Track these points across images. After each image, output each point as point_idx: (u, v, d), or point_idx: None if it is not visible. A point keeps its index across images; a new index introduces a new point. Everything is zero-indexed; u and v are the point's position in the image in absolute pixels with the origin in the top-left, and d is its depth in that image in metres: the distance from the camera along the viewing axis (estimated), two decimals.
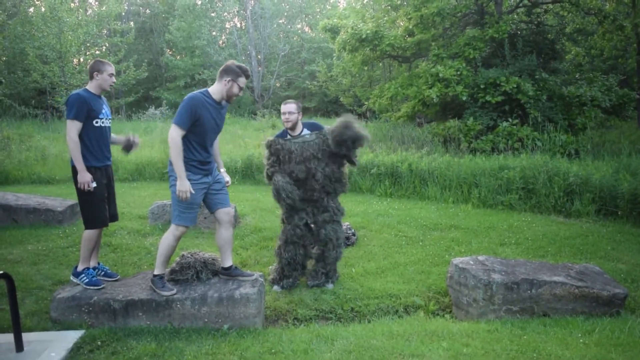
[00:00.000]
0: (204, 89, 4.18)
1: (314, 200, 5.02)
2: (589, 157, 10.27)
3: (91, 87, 4.34)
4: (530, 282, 4.44)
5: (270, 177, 5.01)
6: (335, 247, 5.13)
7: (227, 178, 4.62)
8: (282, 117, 4.97)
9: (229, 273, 4.41)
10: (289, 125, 4.96)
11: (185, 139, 4.04)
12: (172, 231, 4.16)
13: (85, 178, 4.16)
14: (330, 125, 5.14)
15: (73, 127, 4.14)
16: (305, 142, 4.95)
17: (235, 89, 4.18)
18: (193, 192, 4.04)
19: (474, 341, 3.80)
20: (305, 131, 5.02)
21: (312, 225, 5.10)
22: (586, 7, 15.78)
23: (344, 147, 4.92)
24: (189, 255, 4.47)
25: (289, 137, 5.02)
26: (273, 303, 4.81)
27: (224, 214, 4.34)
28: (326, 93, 31.34)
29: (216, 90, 4.17)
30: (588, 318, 4.32)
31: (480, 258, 4.89)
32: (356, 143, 4.96)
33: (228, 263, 4.43)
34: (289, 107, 4.95)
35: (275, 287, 5.14)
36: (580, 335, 3.91)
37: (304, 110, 32.47)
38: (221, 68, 4.18)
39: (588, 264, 5.19)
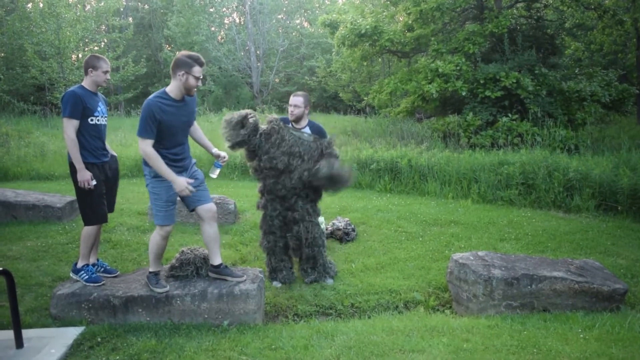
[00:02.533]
0: (161, 90, 4.00)
1: (281, 195, 4.96)
2: (589, 153, 10.26)
3: (86, 83, 4.31)
4: (530, 278, 4.44)
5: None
6: (310, 246, 5.06)
7: (223, 153, 4.45)
8: (289, 108, 4.94)
9: (218, 271, 4.30)
10: (293, 118, 4.95)
11: (155, 142, 3.95)
12: (158, 231, 4.12)
13: (85, 176, 4.14)
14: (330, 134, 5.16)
15: (70, 125, 4.12)
16: (301, 138, 4.92)
17: (192, 81, 3.96)
18: (192, 189, 3.99)
19: (474, 336, 3.80)
20: (307, 130, 5.00)
21: (286, 218, 5.06)
22: (586, 1, 15.70)
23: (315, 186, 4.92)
24: (189, 251, 4.46)
25: (291, 125, 4.99)
26: (273, 299, 4.81)
27: (205, 211, 4.19)
28: (325, 88, 31.28)
29: (173, 87, 3.98)
30: (588, 313, 4.32)
31: (480, 253, 4.89)
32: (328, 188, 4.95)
33: (217, 261, 4.31)
34: (296, 100, 4.92)
35: (275, 283, 5.14)
36: (580, 330, 3.91)
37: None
38: (172, 63, 3.96)
39: (588, 259, 5.19)
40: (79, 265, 4.34)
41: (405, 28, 15.44)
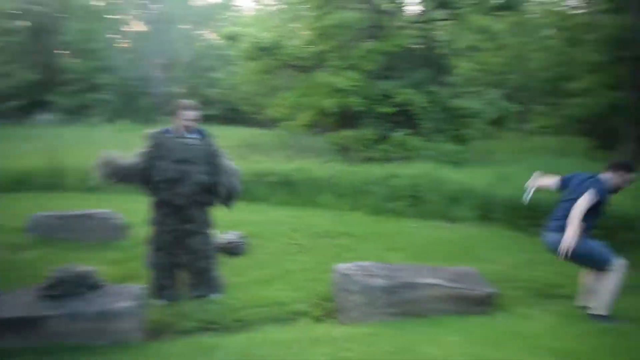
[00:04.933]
0: None
1: (180, 206, 4.90)
2: (473, 166, 10.93)
3: None
4: (409, 285, 4.64)
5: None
6: (204, 258, 5.04)
7: None
8: (186, 122, 4.86)
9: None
10: (191, 130, 4.91)
11: None
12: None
13: None
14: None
15: None
16: (188, 144, 4.89)
17: None
18: None
19: (354, 345, 3.91)
20: (191, 134, 4.98)
21: (180, 233, 4.98)
22: (475, 26, 16.84)
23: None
24: (63, 269, 4.25)
25: (172, 135, 4.94)
26: (156, 316, 4.69)
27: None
28: (227, 101, 31.00)
29: None
30: (461, 317, 4.57)
31: (363, 264, 5.05)
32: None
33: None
34: (194, 114, 4.89)
35: (159, 300, 5.00)
36: (452, 333, 4.14)
37: (206, 118, 31.90)
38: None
39: (465, 266, 5.51)
40: None
41: (307, 43, 15.71)
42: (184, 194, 4.84)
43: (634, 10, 14.03)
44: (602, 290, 4.63)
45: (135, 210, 8.33)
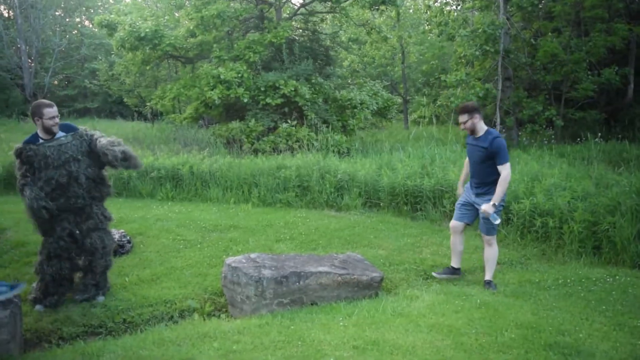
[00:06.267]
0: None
1: (78, 207, 4.69)
2: (358, 155, 11.25)
3: None
4: (298, 275, 4.70)
5: (22, 191, 4.53)
6: (103, 256, 4.88)
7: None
8: (49, 121, 4.53)
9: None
10: (57, 129, 4.61)
11: None
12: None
13: None
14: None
15: None
16: (61, 144, 4.60)
17: None
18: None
19: (244, 337, 3.90)
20: (60, 133, 4.67)
21: (77, 234, 4.74)
22: (357, 19, 17.34)
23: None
24: None
25: (41, 141, 4.60)
26: (34, 324, 4.41)
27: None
28: (109, 93, 29.44)
29: None
30: (350, 302, 4.72)
31: (252, 255, 5.04)
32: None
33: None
34: (55, 111, 4.57)
35: (38, 307, 4.70)
36: (341, 318, 4.25)
37: (85, 111, 30.23)
38: None
39: (351, 252, 5.67)
40: None
41: (188, 34, 15.30)
42: (79, 194, 4.64)
43: (499, 7, 15.10)
44: None
45: (8, 212, 7.76)
